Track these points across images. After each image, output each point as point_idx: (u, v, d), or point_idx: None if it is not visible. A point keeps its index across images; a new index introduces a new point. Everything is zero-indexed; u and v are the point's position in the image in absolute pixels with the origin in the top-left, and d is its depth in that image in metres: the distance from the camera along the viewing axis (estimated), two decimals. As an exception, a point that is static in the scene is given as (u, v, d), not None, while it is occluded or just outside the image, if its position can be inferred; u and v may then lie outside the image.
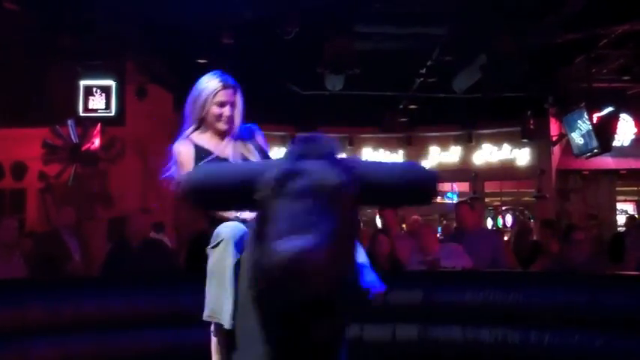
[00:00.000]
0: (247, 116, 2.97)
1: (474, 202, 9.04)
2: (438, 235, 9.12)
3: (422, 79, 10.19)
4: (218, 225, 2.63)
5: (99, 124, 10.47)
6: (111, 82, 10.03)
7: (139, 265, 5.53)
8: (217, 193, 2.06)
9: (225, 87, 2.87)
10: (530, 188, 14.07)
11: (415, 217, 9.64)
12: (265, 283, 1.84)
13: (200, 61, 8.62)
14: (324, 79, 9.19)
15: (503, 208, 15.33)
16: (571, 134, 11.34)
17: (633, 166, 13.14)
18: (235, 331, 2.40)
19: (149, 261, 5.54)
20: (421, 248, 5.62)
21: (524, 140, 13.28)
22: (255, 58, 8.79)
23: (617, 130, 11.48)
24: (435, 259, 5.39)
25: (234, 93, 2.90)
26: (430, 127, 14.01)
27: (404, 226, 8.90)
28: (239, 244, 2.51)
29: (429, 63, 9.50)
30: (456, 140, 14.24)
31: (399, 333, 3.95)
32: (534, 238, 9.44)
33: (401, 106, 12.27)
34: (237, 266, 2.47)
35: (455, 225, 8.14)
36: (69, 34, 7.66)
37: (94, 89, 10.01)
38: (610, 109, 10.50)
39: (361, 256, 2.45)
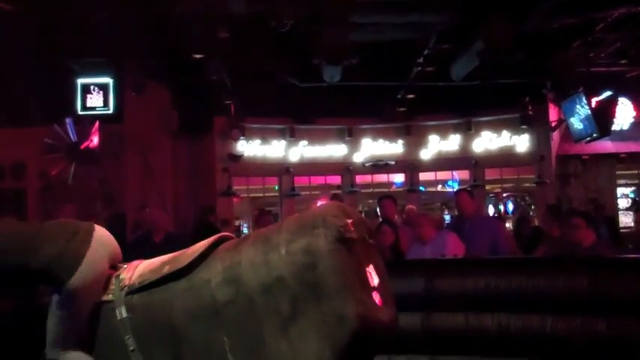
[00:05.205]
0: (246, 109, 2.94)
1: (473, 190, 9.03)
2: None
3: (420, 68, 10.17)
4: None
5: (97, 122, 10.46)
6: (108, 80, 10.00)
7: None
8: None
9: None
10: (530, 174, 14.08)
11: (410, 206, 9.63)
12: None
13: (196, 56, 8.62)
14: (321, 70, 9.18)
15: (504, 195, 15.35)
16: (570, 119, 11.33)
17: (633, 150, 13.15)
18: None
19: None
20: (418, 236, 5.62)
21: (524, 127, 13.31)
22: (251, 51, 8.77)
23: (616, 114, 11.49)
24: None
25: None
26: (429, 116, 14.00)
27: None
28: None
29: (426, 52, 9.48)
30: (455, 128, 14.24)
31: (402, 322, 3.98)
32: (535, 223, 9.46)
33: (399, 96, 12.25)
34: None
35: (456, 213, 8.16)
36: (65, 33, 7.64)
37: (92, 87, 9.99)
38: (608, 93, 10.50)
39: None
